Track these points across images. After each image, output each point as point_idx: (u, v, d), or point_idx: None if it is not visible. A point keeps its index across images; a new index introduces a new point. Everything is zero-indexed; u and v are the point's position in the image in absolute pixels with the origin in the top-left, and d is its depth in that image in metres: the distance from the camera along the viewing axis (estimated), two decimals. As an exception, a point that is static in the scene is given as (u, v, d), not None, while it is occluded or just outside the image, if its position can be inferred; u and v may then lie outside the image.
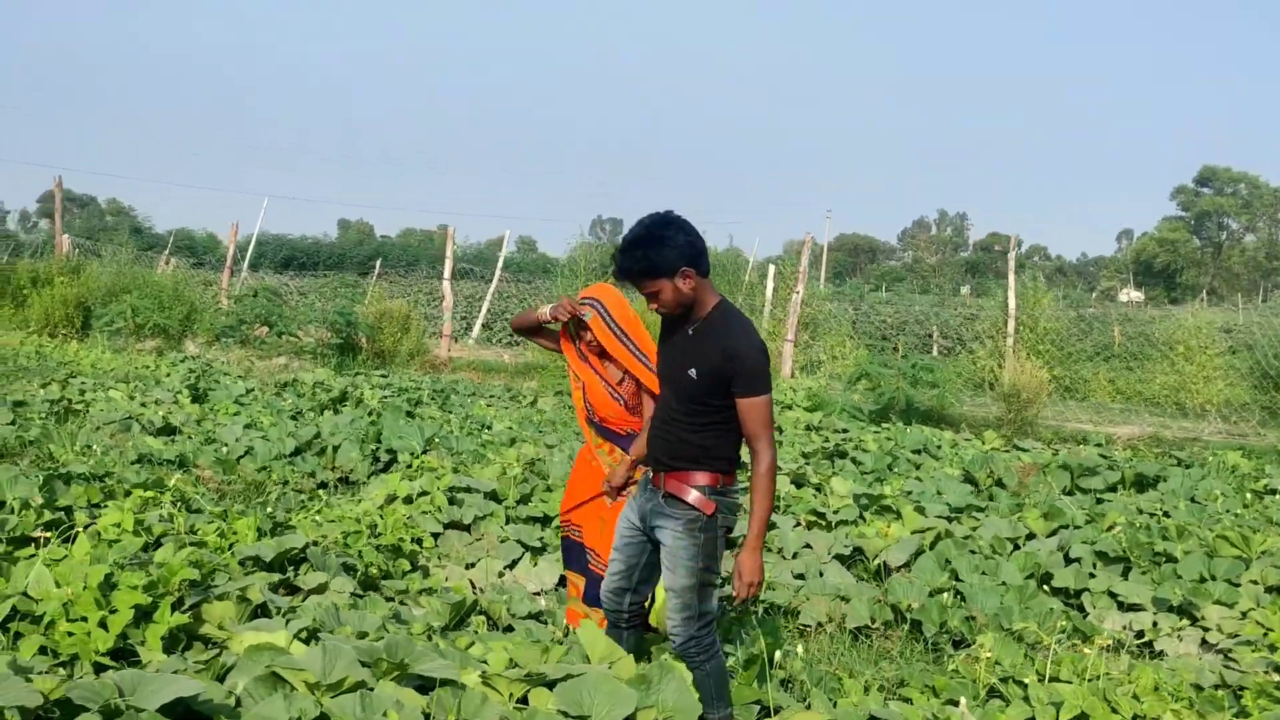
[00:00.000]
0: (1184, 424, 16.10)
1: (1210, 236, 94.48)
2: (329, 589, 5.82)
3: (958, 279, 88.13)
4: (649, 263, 4.30)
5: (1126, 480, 10.18)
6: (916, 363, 15.31)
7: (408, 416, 11.99)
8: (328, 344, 20.02)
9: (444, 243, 21.17)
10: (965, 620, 6.43)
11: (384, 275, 36.31)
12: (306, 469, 9.66)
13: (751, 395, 4.31)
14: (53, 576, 5.33)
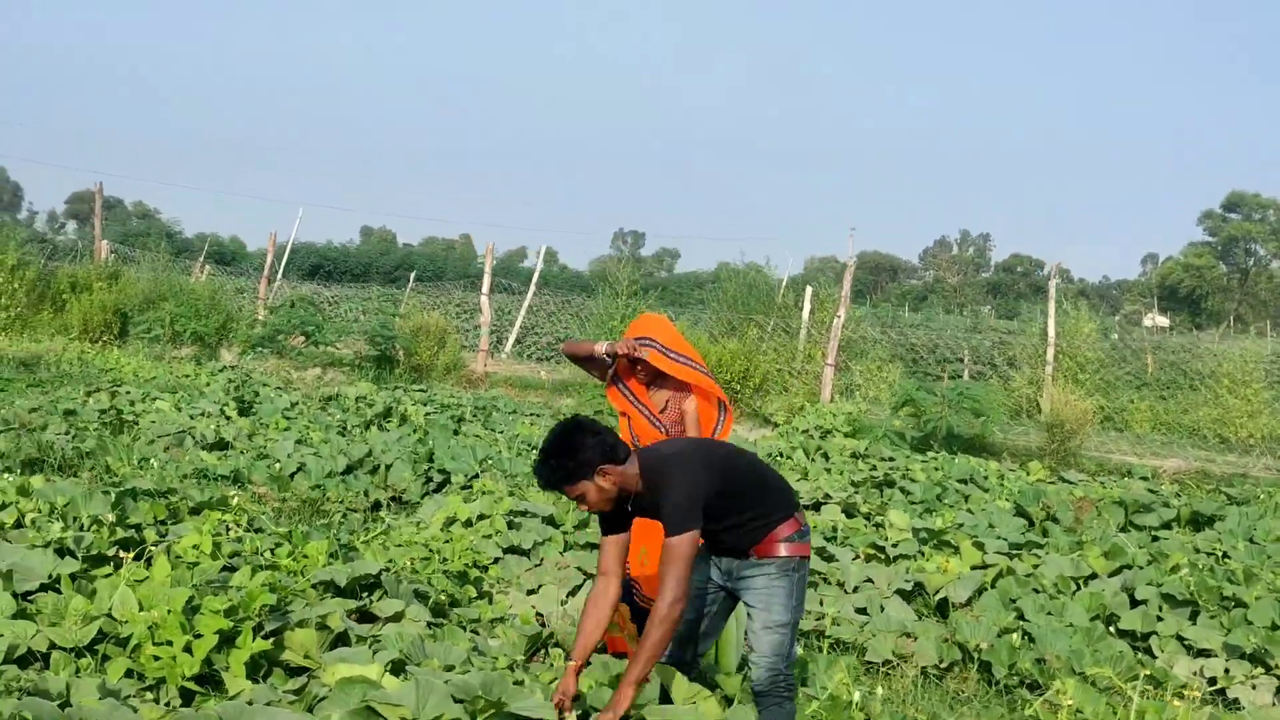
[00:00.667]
0: (1230, 458, 16.00)
1: (1237, 263, 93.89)
2: (405, 617, 5.82)
3: (979, 299, 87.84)
4: (566, 471, 4.48)
5: (1182, 518, 10.12)
6: (962, 390, 15.27)
7: (455, 435, 12.02)
8: (365, 356, 20.07)
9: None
10: (1036, 663, 6.39)
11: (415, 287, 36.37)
12: (359, 487, 9.68)
13: (669, 534, 4.40)
14: (136, 599, 5.35)
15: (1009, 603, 7.33)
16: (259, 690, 4.65)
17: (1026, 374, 19.01)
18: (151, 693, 4.89)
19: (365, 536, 7.53)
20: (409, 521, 8.33)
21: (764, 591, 4.60)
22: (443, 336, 21.11)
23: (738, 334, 20.76)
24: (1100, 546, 8.47)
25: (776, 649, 4.56)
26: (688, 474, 4.51)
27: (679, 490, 4.44)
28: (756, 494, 4.65)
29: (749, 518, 4.60)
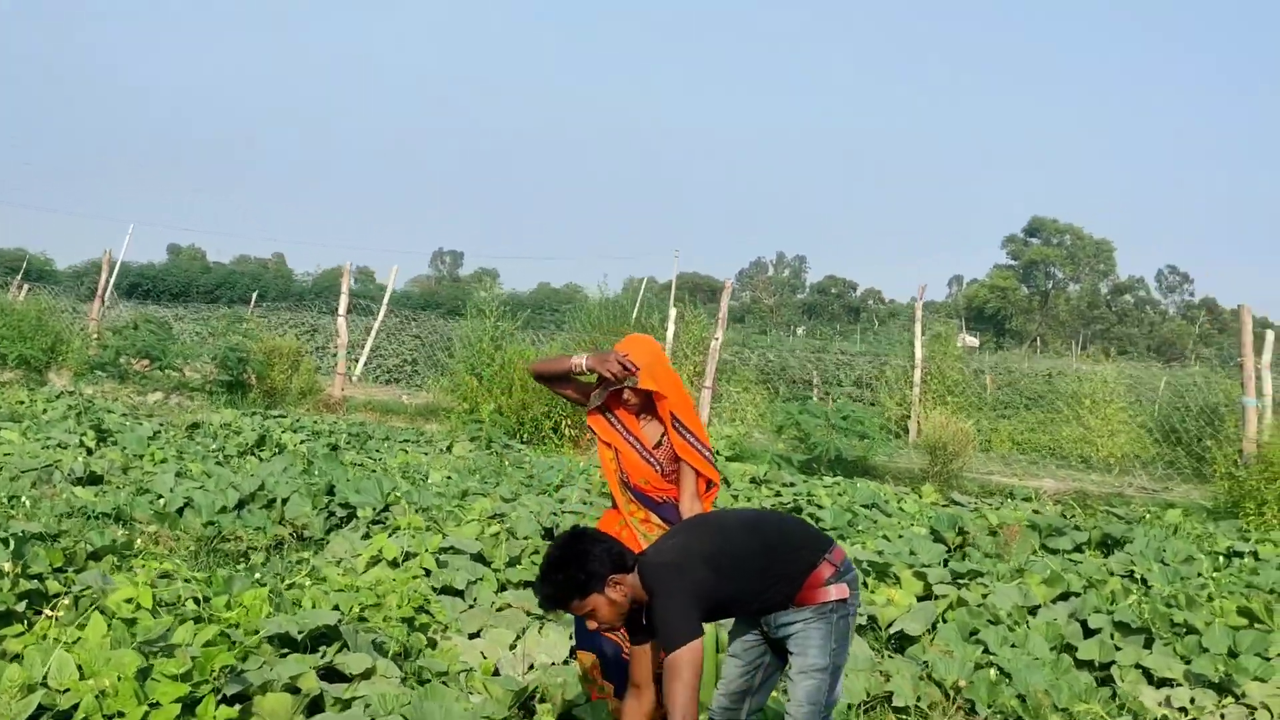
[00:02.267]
0: (1095, 477, 16.32)
1: (1038, 285, 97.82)
2: (376, 673, 5.30)
3: (795, 320, 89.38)
4: (576, 584, 4.17)
5: (1093, 541, 10.14)
6: (846, 413, 15.21)
7: (355, 467, 11.40)
8: (216, 381, 19.10)
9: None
10: (1018, 699, 6.19)
11: (230, 306, 35.08)
12: (254, 523, 9.02)
13: (667, 651, 4.10)
14: (76, 664, 4.73)
15: (969, 635, 7.14)
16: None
17: (897, 396, 19.14)
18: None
19: (291, 579, 6.93)
20: (328, 562, 7.75)
21: (800, 636, 4.31)
22: (296, 359, 20.27)
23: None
24: (1038, 574, 8.37)
25: (811, 696, 4.26)
26: (678, 582, 4.17)
27: (670, 602, 4.13)
28: (776, 558, 4.33)
29: (774, 583, 4.30)
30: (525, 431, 16.99)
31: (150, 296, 51.02)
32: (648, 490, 5.29)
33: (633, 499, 5.32)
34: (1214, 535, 11.15)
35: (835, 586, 4.32)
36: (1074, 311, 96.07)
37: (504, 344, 18.71)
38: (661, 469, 5.25)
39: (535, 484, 11.48)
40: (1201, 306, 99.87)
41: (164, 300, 48.21)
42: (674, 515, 5.21)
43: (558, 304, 51.75)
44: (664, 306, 24.22)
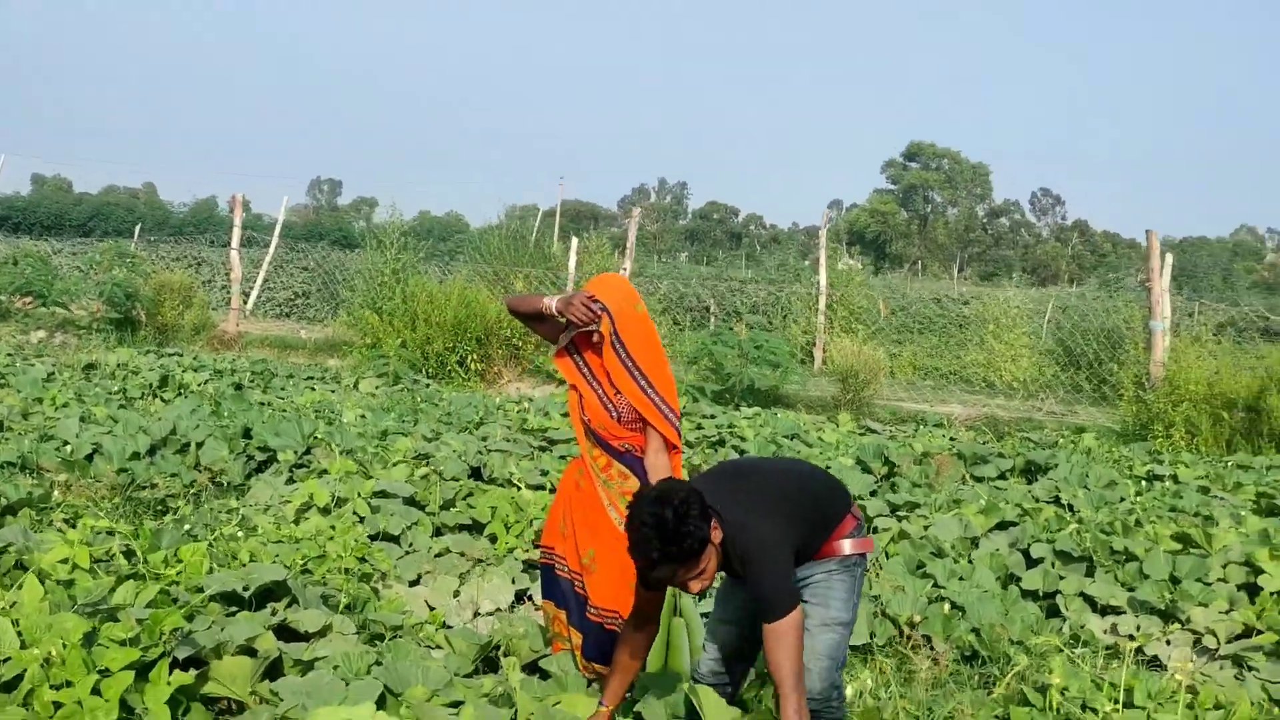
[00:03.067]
0: (1012, 403, 16.52)
1: (916, 209, 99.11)
2: (332, 630, 5.07)
3: (678, 246, 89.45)
4: (697, 542, 3.74)
5: (1017, 468, 10.22)
6: (760, 343, 15.13)
7: (256, 407, 11.01)
8: (104, 318, 18.37)
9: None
10: (973, 633, 6.17)
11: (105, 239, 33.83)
12: (168, 469, 8.66)
13: (773, 619, 3.82)
14: (15, 631, 4.43)
15: (915, 569, 7.12)
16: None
17: (803, 324, 19.13)
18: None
19: (220, 530, 6.63)
20: (256, 510, 7.45)
21: (822, 586, 4.14)
22: (188, 295, 19.61)
23: (501, 286, 20.08)
24: (972, 504, 8.39)
25: (831, 649, 4.10)
26: (775, 542, 3.90)
27: (774, 567, 3.86)
28: (820, 507, 4.18)
29: (816, 532, 4.13)
30: (431, 366, 16.66)
31: (20, 229, 49.05)
32: (606, 437, 5.07)
33: (596, 444, 5.12)
34: (1130, 459, 11.32)
35: (859, 540, 4.23)
36: (952, 235, 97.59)
37: (405, 277, 18.29)
38: (619, 416, 4.96)
39: (455, 421, 11.22)
40: (1074, 228, 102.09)
41: (35, 233, 46.40)
42: (637, 466, 5.02)
43: (445, 233, 50.93)
44: (549, 235, 23.96)
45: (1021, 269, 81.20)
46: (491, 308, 17.10)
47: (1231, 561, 7.19)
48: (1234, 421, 12.35)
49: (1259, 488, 9.76)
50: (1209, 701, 5.08)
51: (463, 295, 17.23)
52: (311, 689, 4.13)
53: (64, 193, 75.36)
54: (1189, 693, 5.14)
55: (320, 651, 4.70)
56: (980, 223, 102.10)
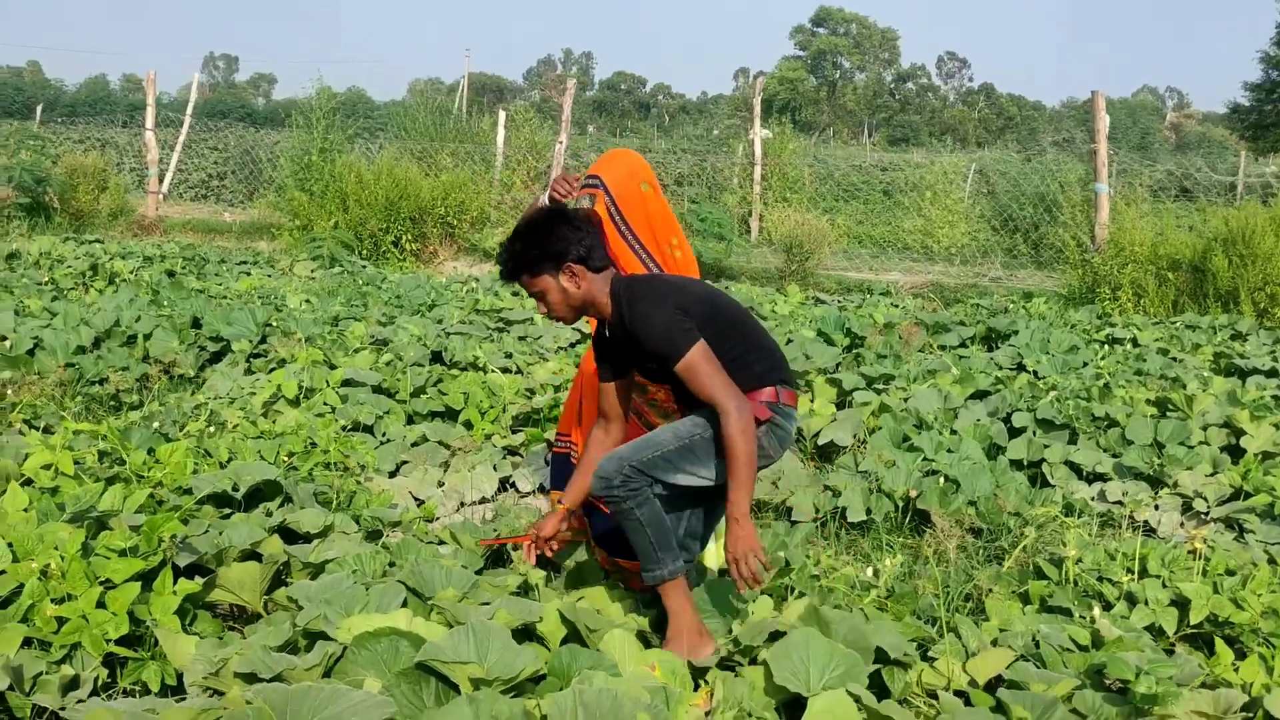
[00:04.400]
0: (951, 269, 16.50)
1: (826, 75, 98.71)
2: (334, 530, 4.87)
3: (586, 118, 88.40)
4: (529, 258, 3.91)
5: (977, 336, 10.20)
6: (704, 215, 14.90)
7: (198, 294, 10.62)
8: (14, 204, 17.60)
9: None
10: (970, 505, 6.12)
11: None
12: (117, 363, 8.29)
13: (676, 361, 3.73)
14: (4, 543, 4.17)
15: (901, 442, 7.05)
16: (252, 646, 3.65)
17: (739, 195, 18.88)
18: (65, 665, 3.82)
19: (194, 427, 6.35)
20: (222, 404, 7.17)
21: (689, 417, 3.89)
22: (103, 178, 18.86)
23: (427, 164, 19.56)
24: (946, 374, 8.34)
25: (644, 443, 3.83)
26: (660, 298, 3.83)
27: (659, 315, 3.77)
28: (751, 343, 3.95)
29: (740, 366, 3.84)
30: (365, 248, 16.23)
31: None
32: None
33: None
34: (1083, 323, 11.36)
35: (763, 406, 3.85)
36: (861, 101, 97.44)
37: (333, 156, 17.70)
38: None
39: (406, 305, 10.92)
40: (980, 91, 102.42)
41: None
42: None
43: (349, 110, 49.55)
44: (448, 107, 23.29)
45: (929, 133, 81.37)
46: (424, 186, 16.65)
47: (1211, 424, 7.25)
48: (1179, 282, 12.42)
49: (1215, 348, 9.85)
50: (1220, 567, 5.07)
51: (393, 174, 16.75)
52: (331, 595, 3.94)
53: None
54: (1200, 559, 5.14)
55: (327, 553, 4.50)
56: (888, 88, 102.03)
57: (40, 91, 57.08)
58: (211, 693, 3.59)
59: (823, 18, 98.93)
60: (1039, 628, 4.31)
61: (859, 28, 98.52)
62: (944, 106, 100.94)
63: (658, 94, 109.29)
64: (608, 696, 3.16)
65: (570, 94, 17.73)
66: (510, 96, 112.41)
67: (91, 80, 70.36)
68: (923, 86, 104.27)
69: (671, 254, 4.71)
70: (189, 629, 4.10)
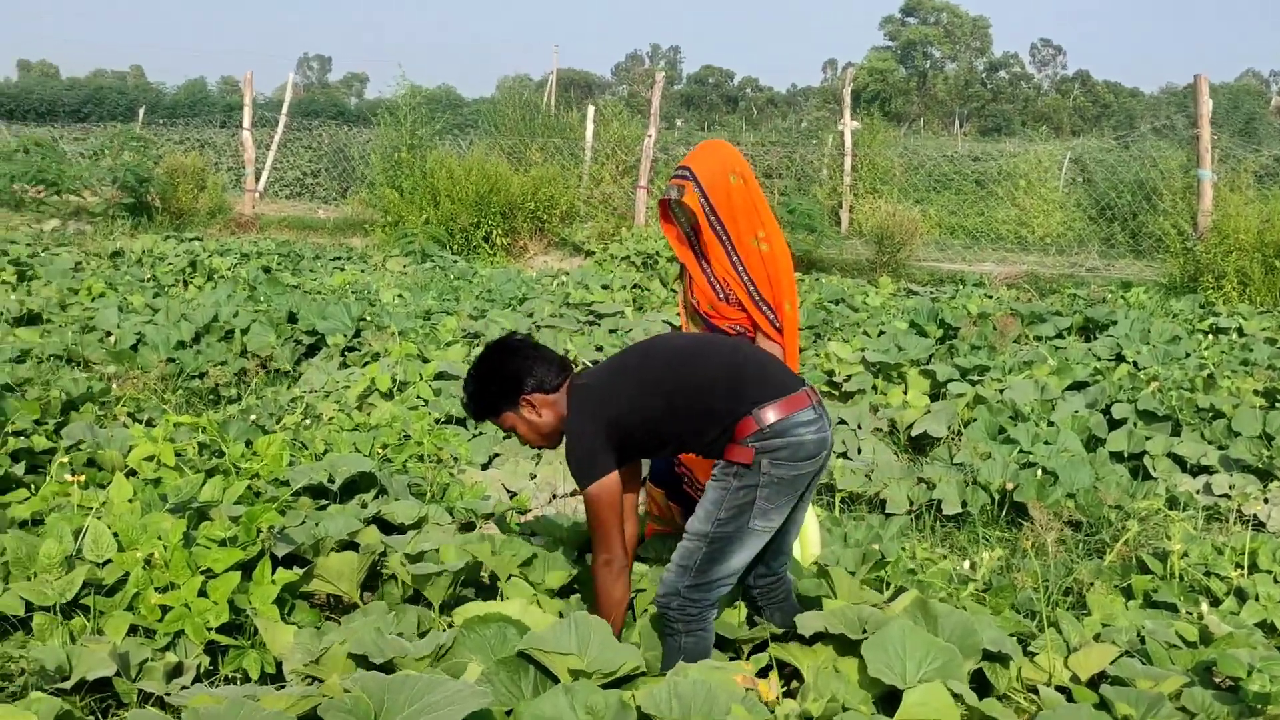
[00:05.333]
0: (1047, 259, 16.21)
1: (916, 65, 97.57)
2: (427, 521, 4.90)
3: (675, 112, 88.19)
4: (485, 400, 3.86)
5: (1074, 326, 10.02)
6: (795, 206, 14.81)
7: (291, 291, 10.78)
8: (119, 204, 18.00)
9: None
10: (1069, 498, 6.00)
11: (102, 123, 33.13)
12: (215, 357, 8.44)
13: (581, 488, 3.70)
14: (112, 534, 4.25)
15: (997, 434, 6.95)
16: (358, 631, 3.69)
17: (827, 187, 18.74)
18: (169, 652, 3.89)
19: (290, 420, 6.45)
20: (318, 397, 7.27)
21: (705, 494, 3.71)
22: (202, 178, 19.23)
23: (516, 159, 19.65)
24: (1042, 365, 8.20)
25: (682, 557, 3.66)
26: (591, 407, 3.68)
27: (579, 429, 3.68)
28: (720, 394, 3.65)
29: (712, 424, 3.64)
30: (456, 243, 16.36)
31: (13, 116, 48.22)
32: (714, 318, 4.71)
33: (701, 324, 4.82)
34: (1185, 313, 11.11)
35: (748, 448, 3.58)
36: (951, 91, 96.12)
37: (423, 152, 17.87)
38: (727, 296, 4.62)
39: (497, 298, 10.99)
40: (1075, 79, 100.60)
41: (28, 120, 45.63)
42: None
43: (438, 107, 49.92)
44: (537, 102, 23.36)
45: (1022, 122, 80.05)
46: (514, 181, 16.75)
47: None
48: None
49: (1326, 338, 9.59)
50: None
51: (483, 169, 16.86)
52: (436, 579, 3.98)
53: (53, 78, 74.15)
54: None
55: (422, 544, 4.52)
56: (980, 77, 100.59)
57: (142, 94, 58.16)
58: (310, 680, 3.63)
59: (913, 7, 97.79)
60: (1143, 623, 4.21)
61: (950, 17, 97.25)
62: (1037, 95, 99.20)
63: (746, 87, 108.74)
64: (702, 688, 3.14)
65: (659, 88, 17.69)
66: (598, 91, 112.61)
67: (191, 83, 71.57)
68: (1015, 75, 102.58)
69: (757, 247, 4.57)
70: (287, 618, 4.14)
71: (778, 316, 4.63)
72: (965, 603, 4.26)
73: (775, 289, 4.61)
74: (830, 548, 4.92)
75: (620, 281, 12.51)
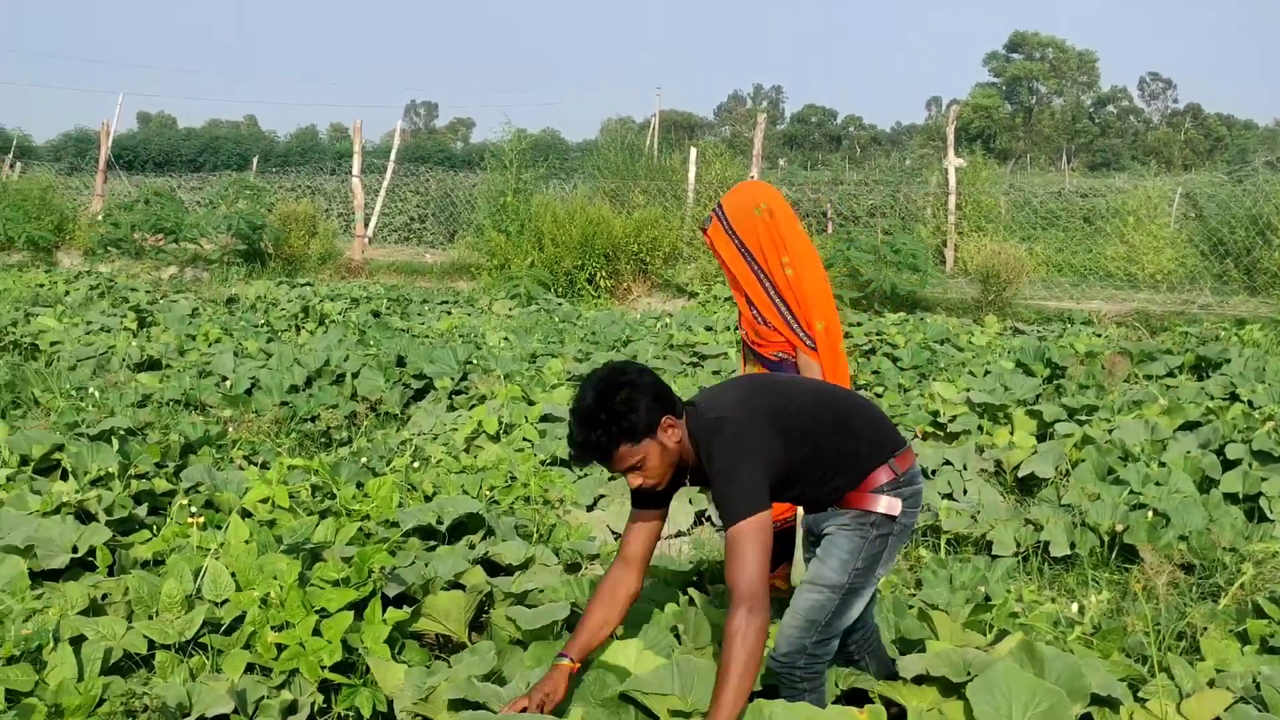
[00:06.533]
0: (1157, 296, 15.95)
1: (1022, 101, 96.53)
2: (535, 562, 4.97)
3: (778, 152, 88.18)
4: (627, 426, 3.31)
5: (1186, 365, 9.84)
6: (898, 245, 14.76)
7: (399, 334, 11.00)
8: (233, 251, 18.54)
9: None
10: (1181, 541, 5.88)
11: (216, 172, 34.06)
12: (327, 400, 8.64)
13: (727, 525, 3.33)
14: (230, 573, 4.40)
15: (1105, 475, 6.84)
16: (453, 672, 3.76)
17: (931, 226, 18.65)
18: (284, 690, 4.00)
19: (400, 462, 6.59)
20: (427, 439, 7.41)
21: (827, 539, 3.59)
22: (313, 224, 19.72)
23: (620, 202, 19.86)
24: (1153, 404, 8.06)
25: (811, 611, 3.52)
26: (745, 440, 3.38)
27: (737, 461, 3.35)
28: (844, 442, 3.55)
29: (835, 472, 3.54)
30: (560, 285, 16.56)
31: (132, 167, 49.77)
32: (758, 346, 5.05)
33: (754, 360, 5.08)
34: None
35: (887, 498, 3.53)
36: (1058, 126, 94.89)
37: (527, 196, 18.16)
38: (765, 321, 4.96)
39: (601, 340, 11.10)
40: (1186, 113, 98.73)
41: (147, 170, 47.11)
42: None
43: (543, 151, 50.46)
44: (640, 145, 23.59)
45: (1131, 157, 78.69)
46: (617, 223, 16.93)
47: None
48: None
49: None
50: None
51: (586, 212, 17.08)
52: (523, 619, 4.04)
53: (170, 129, 76.47)
54: None
55: (528, 584, 4.60)
56: (1087, 112, 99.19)
57: (255, 143, 59.81)
58: (419, 719, 3.71)
59: (1018, 43, 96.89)
60: (1260, 669, 4.13)
61: (1056, 52, 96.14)
62: (1147, 129, 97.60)
63: (849, 126, 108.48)
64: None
65: (761, 128, 17.79)
66: (700, 132, 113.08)
67: (301, 131, 73.34)
68: (1124, 109, 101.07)
69: (782, 271, 4.87)
70: (398, 657, 4.23)
71: (809, 335, 4.90)
72: (1072, 646, 4.21)
73: (804, 309, 4.90)
74: (936, 589, 4.91)
75: (723, 323, 12.58)
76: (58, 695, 3.62)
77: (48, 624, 3.96)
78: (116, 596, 4.42)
